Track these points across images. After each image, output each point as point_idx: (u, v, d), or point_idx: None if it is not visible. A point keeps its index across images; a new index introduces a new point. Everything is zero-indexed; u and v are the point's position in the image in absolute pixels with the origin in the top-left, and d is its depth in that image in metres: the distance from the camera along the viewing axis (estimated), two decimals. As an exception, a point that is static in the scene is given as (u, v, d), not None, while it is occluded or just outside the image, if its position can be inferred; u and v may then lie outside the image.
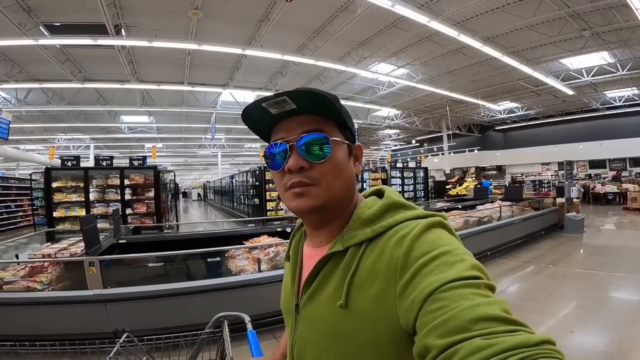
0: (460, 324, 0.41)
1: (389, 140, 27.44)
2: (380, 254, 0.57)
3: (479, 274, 0.48)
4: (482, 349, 0.37)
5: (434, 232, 0.56)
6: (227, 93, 12.89)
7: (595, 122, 18.59)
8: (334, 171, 0.62)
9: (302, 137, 0.61)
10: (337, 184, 0.62)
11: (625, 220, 10.59)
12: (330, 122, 0.64)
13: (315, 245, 0.70)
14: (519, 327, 0.40)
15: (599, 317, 3.50)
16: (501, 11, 7.78)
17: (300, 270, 0.72)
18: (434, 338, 0.42)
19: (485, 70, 11.72)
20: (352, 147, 0.67)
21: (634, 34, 8.56)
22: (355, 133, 0.69)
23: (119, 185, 7.36)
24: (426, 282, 0.48)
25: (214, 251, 3.62)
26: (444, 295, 0.45)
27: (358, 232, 0.61)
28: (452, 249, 0.52)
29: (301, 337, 0.66)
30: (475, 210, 7.06)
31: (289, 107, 0.60)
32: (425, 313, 0.46)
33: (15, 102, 11.58)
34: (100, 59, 9.37)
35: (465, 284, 0.46)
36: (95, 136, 18.54)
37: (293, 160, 0.60)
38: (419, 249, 0.53)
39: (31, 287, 2.98)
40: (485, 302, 0.43)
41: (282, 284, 0.80)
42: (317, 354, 0.62)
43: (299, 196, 0.61)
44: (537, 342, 0.37)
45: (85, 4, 6.66)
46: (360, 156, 0.70)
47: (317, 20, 8.17)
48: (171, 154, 27.28)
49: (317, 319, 0.62)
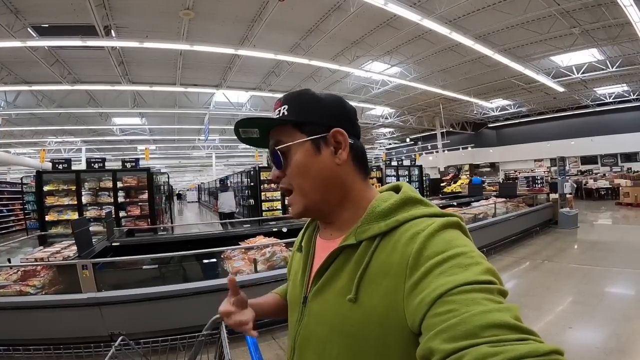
0: (469, 329, 0.40)
1: (384, 139, 27.51)
2: (392, 250, 0.56)
3: (493, 279, 0.47)
4: (488, 356, 0.37)
5: (450, 232, 0.55)
6: (220, 94, 12.82)
7: (586, 119, 18.86)
8: (298, 174, 0.64)
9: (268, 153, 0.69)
10: (306, 184, 0.64)
11: (618, 215, 10.74)
12: (287, 128, 0.66)
13: (327, 237, 0.70)
14: (529, 335, 0.39)
15: (597, 312, 3.53)
16: (492, 9, 7.85)
17: (312, 262, 0.71)
18: (440, 342, 0.41)
19: (478, 68, 11.80)
20: (325, 138, 0.64)
21: (622, 30, 8.66)
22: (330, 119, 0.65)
23: (112, 188, 7.29)
24: (437, 283, 0.47)
25: (210, 252, 3.59)
26: (455, 299, 0.44)
27: (372, 225, 0.60)
28: (467, 251, 0.50)
29: (306, 329, 0.65)
30: (470, 207, 7.09)
31: (254, 130, 0.69)
32: (433, 315, 0.44)
33: (5, 105, 11.40)
34: (91, 61, 9.26)
35: (478, 288, 0.45)
36: (87, 139, 18.31)
37: (272, 173, 0.69)
38: (433, 248, 0.51)
39: (24, 291, 2.93)
40: (496, 308, 0.42)
41: (291, 275, 0.80)
42: (321, 347, 0.61)
43: (289, 205, 0.68)
44: (546, 351, 0.37)
45: (74, 5, 6.57)
46: (342, 141, 0.64)
47: (310, 19, 8.16)
48: (164, 155, 27.05)
49: (325, 311, 0.62)
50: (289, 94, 0.68)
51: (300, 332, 0.66)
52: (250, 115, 0.64)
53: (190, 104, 13.67)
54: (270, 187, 10.08)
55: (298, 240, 0.81)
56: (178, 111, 14.03)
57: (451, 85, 13.36)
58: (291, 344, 0.69)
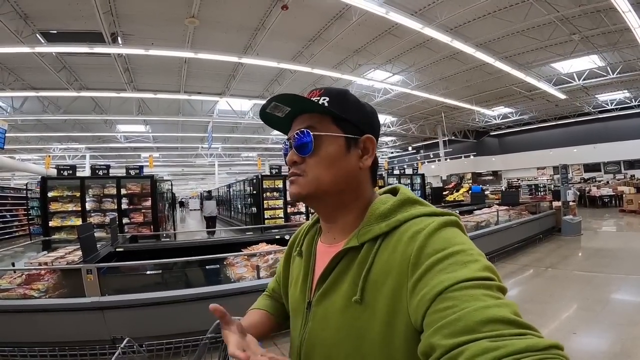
0: (468, 324, 0.41)
1: (386, 148, 27.53)
2: (394, 249, 0.57)
3: (492, 275, 0.48)
4: (488, 351, 0.37)
5: (449, 231, 0.56)
6: (224, 102, 12.91)
7: (588, 126, 18.81)
8: (320, 164, 0.64)
9: (296, 135, 0.66)
10: (325, 175, 0.64)
11: (621, 223, 10.65)
12: (325, 118, 0.66)
13: (329, 241, 0.70)
14: (528, 330, 0.40)
15: (601, 318, 3.50)
16: (492, 17, 7.91)
17: (313, 267, 0.71)
18: (440, 337, 0.42)
19: (479, 76, 11.85)
20: (357, 140, 0.67)
21: (622, 37, 8.69)
22: (366, 124, 0.69)
23: (116, 195, 7.31)
24: (437, 279, 0.48)
25: (213, 258, 3.59)
26: (455, 295, 0.45)
27: (373, 227, 0.61)
28: (466, 249, 0.52)
29: (311, 335, 0.65)
30: (472, 215, 7.07)
31: (286, 109, 0.67)
32: (434, 311, 0.45)
33: (11, 111, 11.51)
34: (97, 68, 9.39)
35: (477, 284, 0.45)
36: (91, 145, 18.44)
37: (289, 156, 0.67)
38: (433, 246, 0.52)
39: (28, 295, 2.94)
40: (495, 304, 0.43)
41: (291, 281, 0.79)
42: (327, 351, 0.61)
43: (291, 184, 0.67)
44: (545, 346, 0.37)
45: (82, 12, 6.67)
46: (370, 149, 0.68)
47: (313, 28, 8.25)
48: (168, 163, 27.17)
49: (330, 315, 0.62)
50: (330, 88, 0.69)
51: (305, 338, 0.66)
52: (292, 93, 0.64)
53: (194, 112, 13.78)
54: (272, 195, 10.09)
55: (296, 245, 0.81)
56: (182, 119, 14.12)
57: (453, 93, 13.39)
58: (296, 350, 0.69)
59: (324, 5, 7.19)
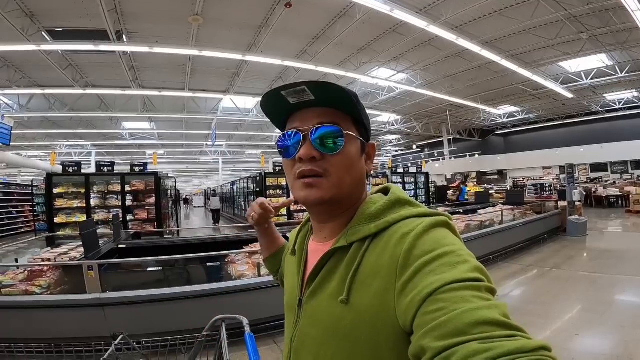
0: (458, 326, 0.40)
1: (390, 146, 27.44)
2: (382, 251, 0.56)
3: (481, 277, 0.47)
4: (479, 352, 0.37)
5: (438, 232, 0.55)
6: (228, 99, 12.94)
7: (595, 125, 18.61)
8: (345, 165, 0.62)
9: (318, 128, 0.61)
10: (347, 178, 0.63)
11: (628, 223, 10.53)
12: (346, 117, 0.65)
13: (320, 240, 0.70)
14: (517, 332, 0.40)
15: (605, 319, 3.46)
16: (499, 15, 7.82)
17: (305, 265, 0.71)
18: (430, 340, 0.42)
19: (485, 74, 11.75)
20: (365, 145, 0.68)
21: (631, 35, 8.58)
22: (370, 132, 0.70)
23: (120, 192, 7.37)
24: (426, 281, 0.47)
25: (214, 256, 3.60)
26: (444, 297, 0.44)
27: (362, 227, 0.61)
28: (455, 250, 0.51)
29: (301, 333, 0.65)
30: (476, 214, 7.02)
31: (308, 97, 0.62)
32: (423, 313, 0.45)
33: (18, 108, 11.64)
34: (102, 65, 9.45)
35: (466, 286, 0.45)
36: (97, 143, 18.61)
37: (305, 150, 0.61)
38: (421, 247, 0.52)
39: (30, 291, 2.97)
40: (485, 305, 0.42)
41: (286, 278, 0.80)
42: (315, 350, 0.61)
43: (309, 187, 0.62)
44: (534, 347, 0.37)
45: (88, 10, 6.72)
46: (372, 155, 0.70)
47: (317, 25, 8.22)
48: (172, 160, 27.34)
49: (318, 314, 0.62)
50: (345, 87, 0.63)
51: (296, 335, 0.67)
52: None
53: (198, 109, 13.83)
54: (276, 192, 10.11)
55: (291, 243, 0.81)
56: (186, 116, 14.18)
57: (458, 91, 13.31)
58: (287, 347, 0.70)
59: (328, 2, 7.17)
